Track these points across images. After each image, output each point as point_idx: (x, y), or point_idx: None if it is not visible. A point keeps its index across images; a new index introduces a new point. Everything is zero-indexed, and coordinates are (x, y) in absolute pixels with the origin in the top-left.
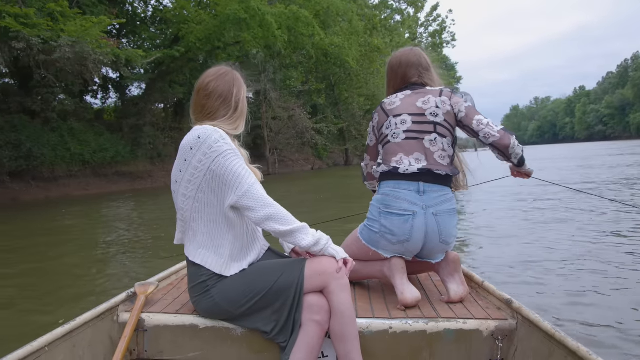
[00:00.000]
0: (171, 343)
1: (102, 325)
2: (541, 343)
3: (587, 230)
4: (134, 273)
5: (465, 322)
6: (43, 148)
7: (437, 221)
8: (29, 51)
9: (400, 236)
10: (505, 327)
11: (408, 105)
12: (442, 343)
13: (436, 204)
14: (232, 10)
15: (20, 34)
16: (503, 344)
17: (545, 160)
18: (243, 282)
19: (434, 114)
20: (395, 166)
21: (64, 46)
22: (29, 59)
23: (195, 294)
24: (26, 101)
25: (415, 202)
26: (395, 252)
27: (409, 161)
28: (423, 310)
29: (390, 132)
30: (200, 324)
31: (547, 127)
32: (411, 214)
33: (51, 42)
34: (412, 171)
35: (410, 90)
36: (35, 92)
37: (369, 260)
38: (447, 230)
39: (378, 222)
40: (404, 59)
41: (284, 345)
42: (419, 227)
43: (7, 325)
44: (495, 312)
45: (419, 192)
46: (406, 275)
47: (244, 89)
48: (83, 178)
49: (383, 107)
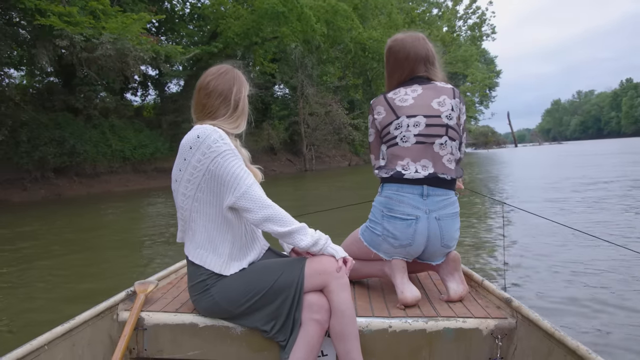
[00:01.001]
0: (171, 342)
1: (102, 324)
2: (541, 342)
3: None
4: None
5: (464, 321)
6: (85, 144)
7: (439, 225)
8: (72, 49)
9: (403, 240)
10: (504, 325)
11: (423, 105)
12: (442, 342)
13: (439, 208)
14: (269, 3)
15: (64, 32)
16: (502, 343)
17: (597, 156)
18: (243, 282)
19: (449, 116)
20: (400, 171)
21: (106, 43)
22: (72, 57)
23: (194, 292)
24: (69, 99)
25: (419, 206)
26: (397, 255)
27: (416, 168)
28: (423, 309)
29: (399, 134)
30: (200, 322)
31: (591, 122)
32: (414, 219)
33: (93, 39)
34: (417, 177)
35: (419, 86)
36: (78, 90)
37: (369, 260)
38: (450, 234)
39: (380, 225)
40: (412, 52)
41: (284, 344)
42: (421, 231)
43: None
44: (495, 311)
45: (423, 196)
46: (407, 275)
47: (245, 88)
48: (123, 174)
49: (390, 103)
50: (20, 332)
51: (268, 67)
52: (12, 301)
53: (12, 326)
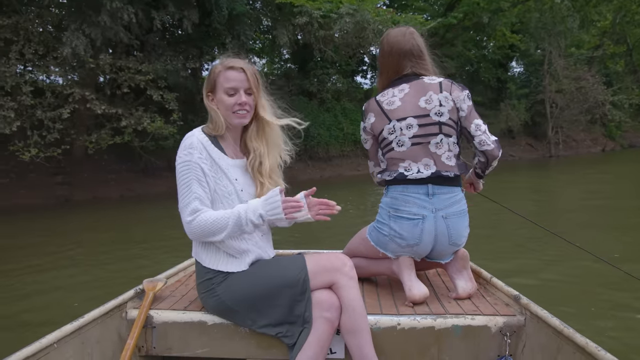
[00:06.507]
0: (179, 340)
1: (111, 322)
2: (549, 339)
3: None
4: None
5: (473, 319)
6: (319, 128)
7: (447, 224)
8: (310, 27)
9: (410, 240)
10: (513, 323)
11: (411, 105)
12: (450, 339)
13: (446, 207)
14: None
15: (303, 9)
16: (511, 340)
17: None
18: (247, 280)
19: (439, 113)
20: (402, 172)
21: (345, 15)
22: (309, 36)
23: (201, 291)
24: (304, 83)
25: (425, 205)
26: (404, 255)
27: (418, 168)
28: (431, 307)
29: (395, 139)
30: (209, 320)
31: None
32: (421, 218)
33: (332, 14)
34: (421, 177)
35: (407, 84)
36: (312, 74)
37: (377, 259)
38: (458, 232)
39: (387, 225)
40: (395, 47)
41: (293, 343)
42: (428, 230)
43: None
44: (504, 308)
45: (428, 195)
46: (414, 272)
47: (204, 88)
48: (354, 158)
49: (381, 107)
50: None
51: (511, 38)
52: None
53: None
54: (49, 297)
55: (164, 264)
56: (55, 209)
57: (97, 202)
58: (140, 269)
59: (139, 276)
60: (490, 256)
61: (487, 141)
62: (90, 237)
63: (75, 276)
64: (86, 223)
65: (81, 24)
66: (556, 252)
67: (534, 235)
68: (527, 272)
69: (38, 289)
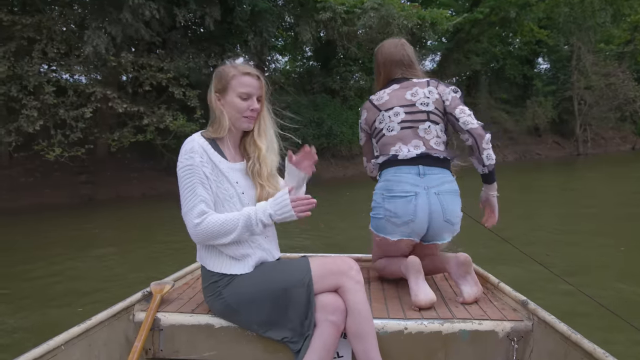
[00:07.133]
0: (187, 343)
1: (118, 324)
2: (557, 344)
3: None
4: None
5: (480, 323)
6: (342, 126)
7: (439, 200)
8: (333, 23)
9: (405, 217)
10: (520, 328)
11: (398, 98)
12: (458, 344)
13: (437, 185)
14: None
15: (327, 4)
16: (518, 345)
17: None
18: (251, 283)
19: (425, 103)
20: (394, 154)
21: (369, 10)
22: (332, 32)
23: (207, 294)
24: (327, 81)
25: (417, 183)
26: (403, 235)
27: (408, 148)
28: (438, 311)
29: (384, 126)
30: (216, 323)
31: None
32: (413, 194)
33: (355, 9)
34: (411, 156)
35: (397, 84)
36: (335, 72)
37: (392, 257)
38: (451, 209)
39: (382, 207)
40: (388, 58)
41: (298, 349)
42: (422, 206)
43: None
44: (511, 313)
45: (420, 175)
46: (422, 276)
47: (213, 86)
48: None
49: (372, 103)
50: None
51: (539, 33)
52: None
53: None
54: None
55: (182, 264)
56: (79, 207)
57: (120, 201)
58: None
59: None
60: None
61: (471, 121)
62: (115, 235)
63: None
64: (109, 221)
65: (102, 22)
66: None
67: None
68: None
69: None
